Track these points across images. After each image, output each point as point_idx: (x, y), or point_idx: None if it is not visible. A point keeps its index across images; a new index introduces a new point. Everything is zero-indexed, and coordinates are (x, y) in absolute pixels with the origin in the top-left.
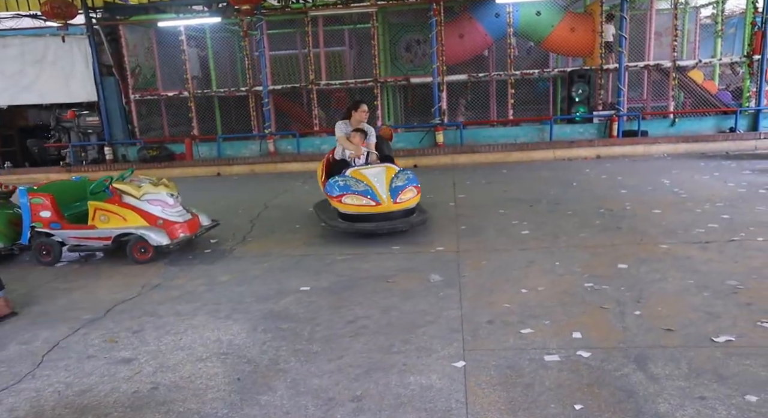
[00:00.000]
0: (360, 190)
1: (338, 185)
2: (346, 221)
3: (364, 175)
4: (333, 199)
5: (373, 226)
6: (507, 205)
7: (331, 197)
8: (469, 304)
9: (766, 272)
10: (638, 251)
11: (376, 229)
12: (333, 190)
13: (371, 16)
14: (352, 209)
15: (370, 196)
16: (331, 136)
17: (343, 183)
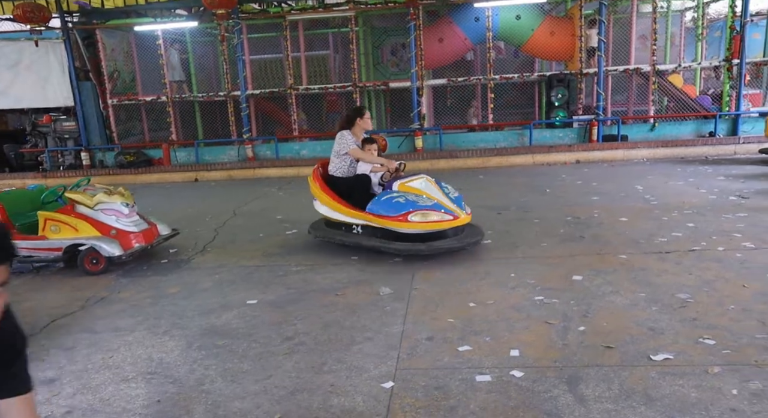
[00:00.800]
0: (428, 205)
1: (397, 203)
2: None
3: (416, 188)
4: (391, 219)
5: (452, 242)
6: (475, 213)
7: (387, 218)
8: (414, 319)
9: (717, 285)
10: (596, 261)
11: (457, 246)
12: (388, 210)
13: (350, 20)
14: (423, 226)
15: (444, 211)
16: (314, 141)
17: (404, 200)
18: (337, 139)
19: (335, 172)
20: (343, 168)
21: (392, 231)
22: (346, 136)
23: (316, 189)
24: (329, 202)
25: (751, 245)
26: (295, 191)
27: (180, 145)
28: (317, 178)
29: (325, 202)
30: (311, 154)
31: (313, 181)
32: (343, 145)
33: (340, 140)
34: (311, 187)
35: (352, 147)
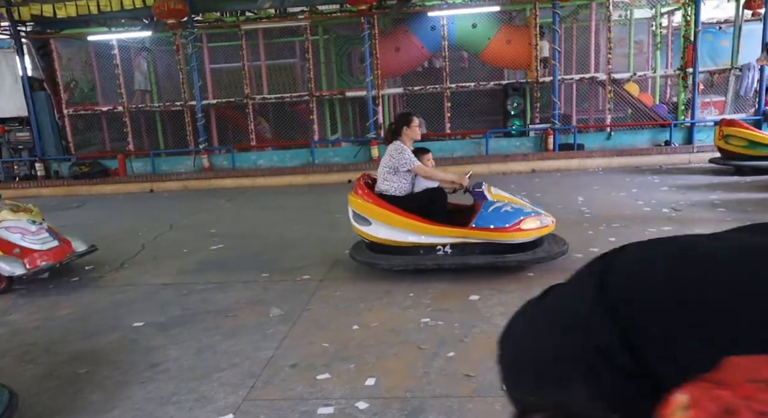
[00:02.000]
0: (530, 211)
1: (506, 213)
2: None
3: (503, 196)
4: (502, 231)
5: (553, 247)
6: None
7: (498, 230)
8: (290, 343)
9: None
10: (501, 279)
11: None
12: (500, 221)
13: (306, 29)
14: (533, 234)
15: (543, 216)
16: (275, 151)
17: (511, 209)
18: (393, 153)
19: (394, 192)
20: (404, 187)
21: (498, 243)
22: (406, 151)
23: (374, 210)
24: (403, 224)
25: None
26: (242, 203)
27: (137, 155)
28: (373, 197)
29: (396, 224)
30: (268, 165)
31: (366, 202)
32: (405, 161)
33: (399, 155)
34: (362, 209)
35: (417, 163)
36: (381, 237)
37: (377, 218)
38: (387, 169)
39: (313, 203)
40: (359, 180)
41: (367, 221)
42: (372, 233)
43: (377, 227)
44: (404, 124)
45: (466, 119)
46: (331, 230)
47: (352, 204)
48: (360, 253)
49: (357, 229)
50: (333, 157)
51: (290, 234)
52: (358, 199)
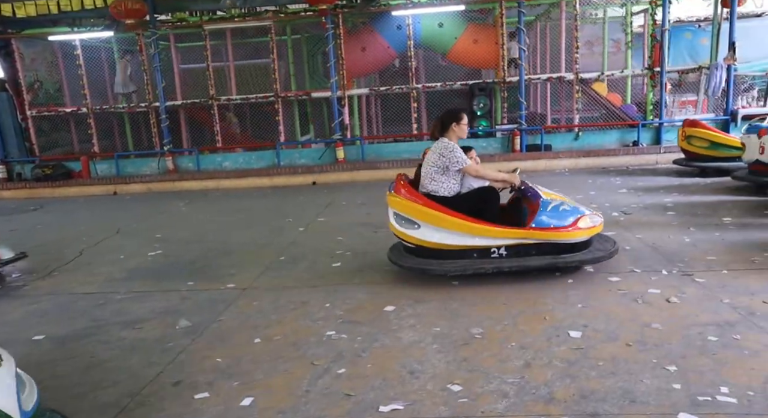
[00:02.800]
0: (584, 209)
1: (564, 211)
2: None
3: (551, 193)
4: (560, 230)
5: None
6: (352, 232)
7: (557, 229)
8: (185, 358)
9: (521, 318)
10: (422, 289)
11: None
12: (559, 220)
13: (270, 29)
14: (589, 232)
15: (593, 213)
16: (246, 152)
17: (568, 207)
18: (444, 152)
19: (444, 192)
20: (454, 187)
21: (555, 243)
22: (458, 149)
23: (424, 212)
24: (457, 226)
25: (590, 269)
26: (200, 206)
27: (102, 157)
28: (422, 198)
29: (448, 226)
30: (234, 166)
31: (413, 203)
32: (456, 160)
33: (451, 154)
34: (409, 211)
35: (468, 163)
36: (431, 241)
37: (427, 220)
38: (436, 169)
39: (270, 206)
40: (399, 180)
41: (415, 223)
42: (420, 237)
43: (427, 230)
44: (453, 121)
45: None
46: (277, 234)
47: (394, 205)
48: (402, 258)
49: (400, 232)
50: (299, 158)
51: (235, 239)
52: (402, 201)
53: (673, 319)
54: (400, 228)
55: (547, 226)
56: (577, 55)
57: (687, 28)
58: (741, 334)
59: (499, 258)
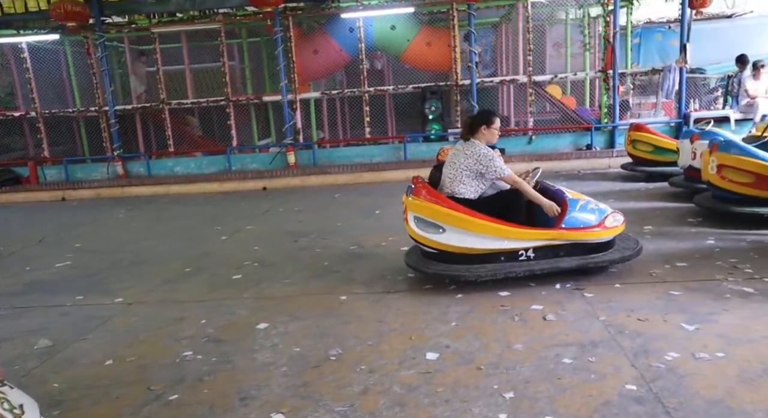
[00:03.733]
0: (608, 209)
1: (592, 210)
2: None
3: (577, 193)
4: (589, 229)
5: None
6: (272, 241)
7: (586, 229)
8: (25, 382)
9: (390, 336)
10: (309, 303)
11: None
12: (588, 220)
13: (219, 32)
14: (616, 231)
15: (616, 212)
16: (197, 157)
17: (594, 206)
18: (481, 159)
19: (469, 195)
20: (480, 190)
21: (583, 244)
22: (497, 158)
23: (451, 215)
24: (486, 229)
25: (487, 282)
26: (139, 214)
27: (53, 162)
28: (448, 201)
29: (477, 230)
30: (185, 171)
31: (439, 206)
32: (496, 168)
33: (490, 163)
34: (434, 215)
35: (508, 172)
36: (458, 245)
37: (454, 223)
38: (468, 173)
39: (207, 213)
40: (418, 183)
41: (440, 227)
42: (445, 241)
43: (453, 234)
44: (484, 123)
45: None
46: (196, 244)
47: (416, 209)
48: (423, 264)
49: (422, 237)
50: (251, 163)
51: (152, 249)
52: (426, 203)
53: (539, 339)
54: (422, 233)
55: (577, 226)
56: (529, 58)
57: (657, 30)
58: (598, 356)
59: (528, 261)
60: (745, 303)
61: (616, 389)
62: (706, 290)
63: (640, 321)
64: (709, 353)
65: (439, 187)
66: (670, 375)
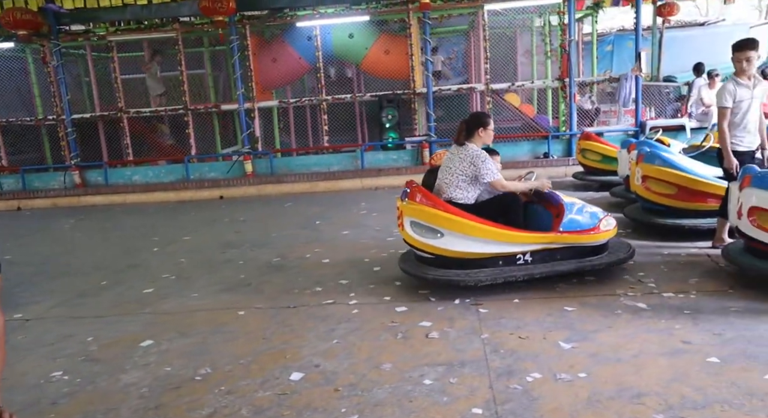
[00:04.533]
0: (600, 212)
1: (587, 212)
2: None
3: (570, 197)
4: (586, 232)
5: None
6: (202, 253)
7: (583, 232)
8: None
9: (263, 357)
10: (204, 320)
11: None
12: (584, 223)
13: (177, 40)
14: (610, 233)
15: (609, 215)
16: (155, 166)
17: (590, 209)
18: (475, 161)
19: (466, 200)
20: (476, 194)
21: (579, 247)
22: (490, 161)
23: (450, 220)
24: (485, 233)
25: (387, 297)
26: (85, 225)
27: (10, 171)
28: (446, 205)
29: (476, 234)
30: (143, 180)
31: (437, 211)
32: (487, 171)
33: (482, 165)
34: (432, 219)
35: (498, 177)
36: (456, 249)
37: (452, 228)
38: (463, 177)
39: (154, 223)
40: (414, 187)
41: (438, 232)
42: (443, 246)
43: (452, 239)
44: (480, 126)
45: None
46: (127, 256)
47: (413, 214)
48: (420, 269)
49: (419, 242)
50: (209, 172)
51: (80, 260)
52: (423, 208)
53: (411, 358)
54: (420, 238)
55: (574, 229)
56: (486, 66)
57: (629, 37)
58: (461, 377)
59: (525, 264)
60: (632, 320)
61: (461, 414)
62: (600, 306)
63: (520, 339)
64: (572, 373)
65: (435, 192)
66: (522, 398)
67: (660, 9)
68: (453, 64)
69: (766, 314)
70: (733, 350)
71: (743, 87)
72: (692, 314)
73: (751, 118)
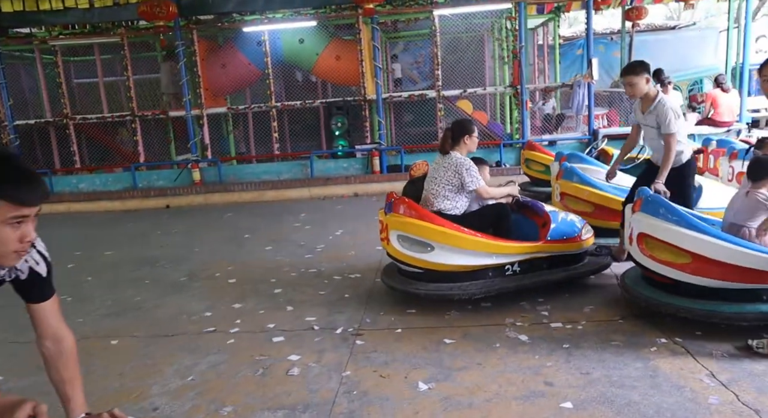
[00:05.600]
0: (580, 220)
1: (571, 221)
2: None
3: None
4: (572, 240)
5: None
6: (116, 269)
7: (569, 240)
8: None
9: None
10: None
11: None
12: (570, 231)
13: (122, 46)
14: (591, 241)
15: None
16: (105, 174)
17: (570, 218)
18: (459, 169)
19: (455, 211)
20: (465, 205)
21: (564, 255)
22: (474, 168)
23: (440, 232)
24: (476, 245)
25: (270, 324)
26: None
27: None
28: (435, 217)
29: (467, 246)
30: (90, 188)
31: (426, 223)
32: (472, 179)
33: (467, 173)
34: (421, 232)
35: (481, 184)
36: (448, 263)
37: (443, 241)
38: (450, 187)
39: (85, 236)
40: (396, 199)
41: (428, 245)
42: (434, 260)
43: (442, 252)
44: (466, 133)
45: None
46: None
47: (400, 227)
48: (408, 284)
49: (407, 256)
50: (157, 180)
51: None
52: (412, 221)
53: (258, 399)
54: (408, 252)
55: (561, 238)
56: (437, 72)
57: (600, 41)
58: None
59: (514, 275)
60: (506, 356)
61: None
62: (481, 338)
63: (381, 378)
64: None
65: (422, 203)
66: None
67: (628, 13)
68: (420, 68)
69: (642, 349)
70: (593, 394)
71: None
72: (569, 349)
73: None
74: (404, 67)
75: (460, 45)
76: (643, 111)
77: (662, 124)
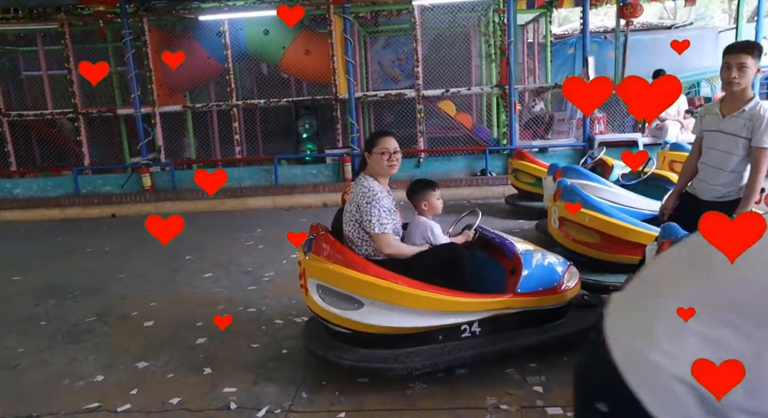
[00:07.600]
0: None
1: (550, 266)
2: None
3: (525, 242)
4: (549, 292)
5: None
6: (16, 301)
7: (545, 292)
8: None
9: None
10: None
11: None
12: (546, 280)
13: (63, 34)
14: (575, 291)
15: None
16: (44, 179)
17: (552, 259)
18: (360, 202)
19: (378, 255)
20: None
21: (540, 311)
22: (376, 202)
23: (371, 284)
24: (420, 302)
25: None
26: None
27: None
28: (367, 264)
29: (407, 303)
30: (27, 194)
31: (353, 272)
32: (370, 219)
33: (367, 207)
34: (347, 285)
35: (380, 230)
36: (381, 324)
37: (375, 295)
38: (358, 225)
39: (2, 253)
40: (320, 235)
41: (356, 301)
42: (363, 320)
43: (374, 310)
44: (368, 148)
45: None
46: None
47: (320, 275)
48: (333, 350)
49: (330, 314)
50: (102, 186)
51: None
52: (334, 268)
53: None
54: (330, 308)
55: (536, 289)
56: (417, 69)
57: (593, 40)
58: None
59: (473, 337)
60: None
61: None
62: None
63: None
64: None
65: (347, 243)
66: None
67: (622, 10)
68: (403, 65)
69: None
70: None
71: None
72: None
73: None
74: (385, 64)
75: (444, 41)
76: (726, 113)
77: (756, 132)
